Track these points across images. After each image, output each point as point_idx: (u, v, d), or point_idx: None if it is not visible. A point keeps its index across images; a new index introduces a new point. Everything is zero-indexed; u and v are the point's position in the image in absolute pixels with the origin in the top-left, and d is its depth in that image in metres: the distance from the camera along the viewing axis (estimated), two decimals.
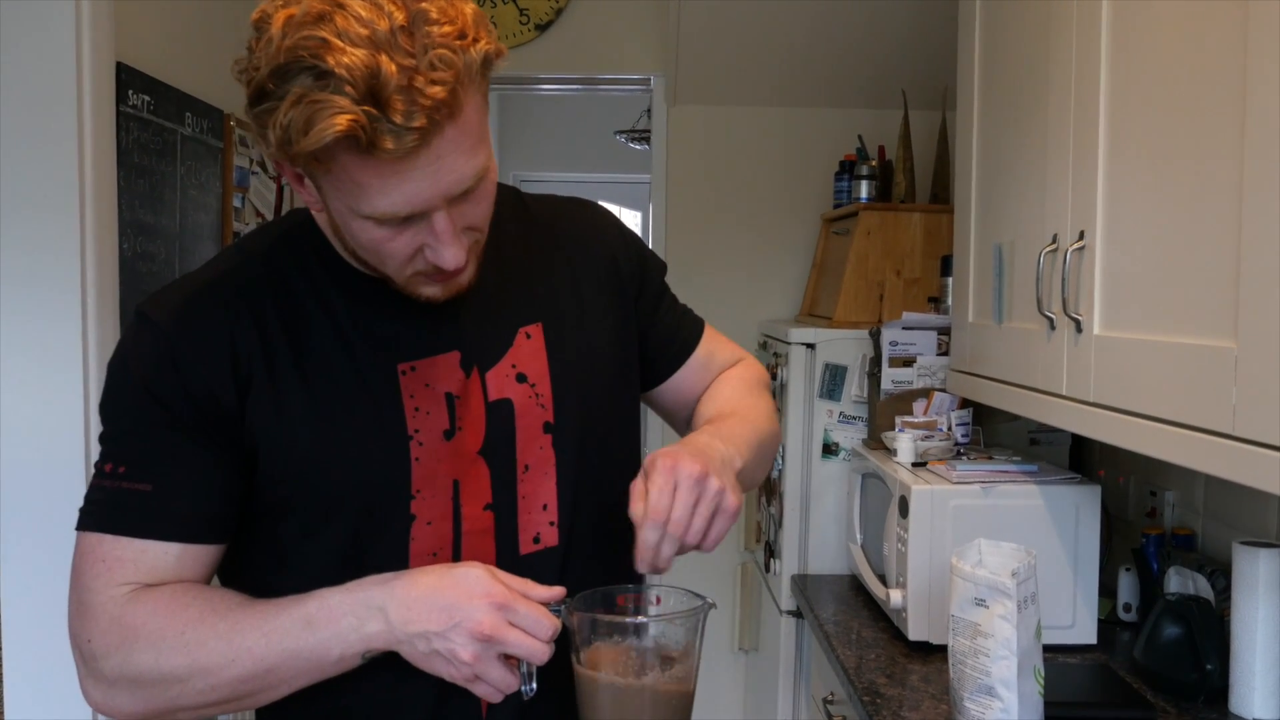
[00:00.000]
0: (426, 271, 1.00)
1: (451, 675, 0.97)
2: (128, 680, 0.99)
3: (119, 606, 0.99)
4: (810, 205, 3.32)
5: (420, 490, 1.04)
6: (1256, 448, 1.14)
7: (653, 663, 1.01)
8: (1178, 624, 1.70)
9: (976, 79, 2.09)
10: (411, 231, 0.95)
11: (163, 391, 1.00)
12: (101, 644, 0.99)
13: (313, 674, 0.99)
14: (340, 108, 0.83)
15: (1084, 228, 1.56)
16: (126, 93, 2.06)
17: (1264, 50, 1.14)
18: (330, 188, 0.93)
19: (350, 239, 1.00)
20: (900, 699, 1.71)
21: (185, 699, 0.99)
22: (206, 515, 1.02)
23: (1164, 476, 2.07)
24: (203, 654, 0.97)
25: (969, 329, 2.12)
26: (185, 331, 1.02)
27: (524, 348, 1.11)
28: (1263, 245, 1.13)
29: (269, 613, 0.99)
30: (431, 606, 0.96)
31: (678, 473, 1.01)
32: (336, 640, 0.97)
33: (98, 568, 1.00)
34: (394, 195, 0.91)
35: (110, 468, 1.02)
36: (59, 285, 1.88)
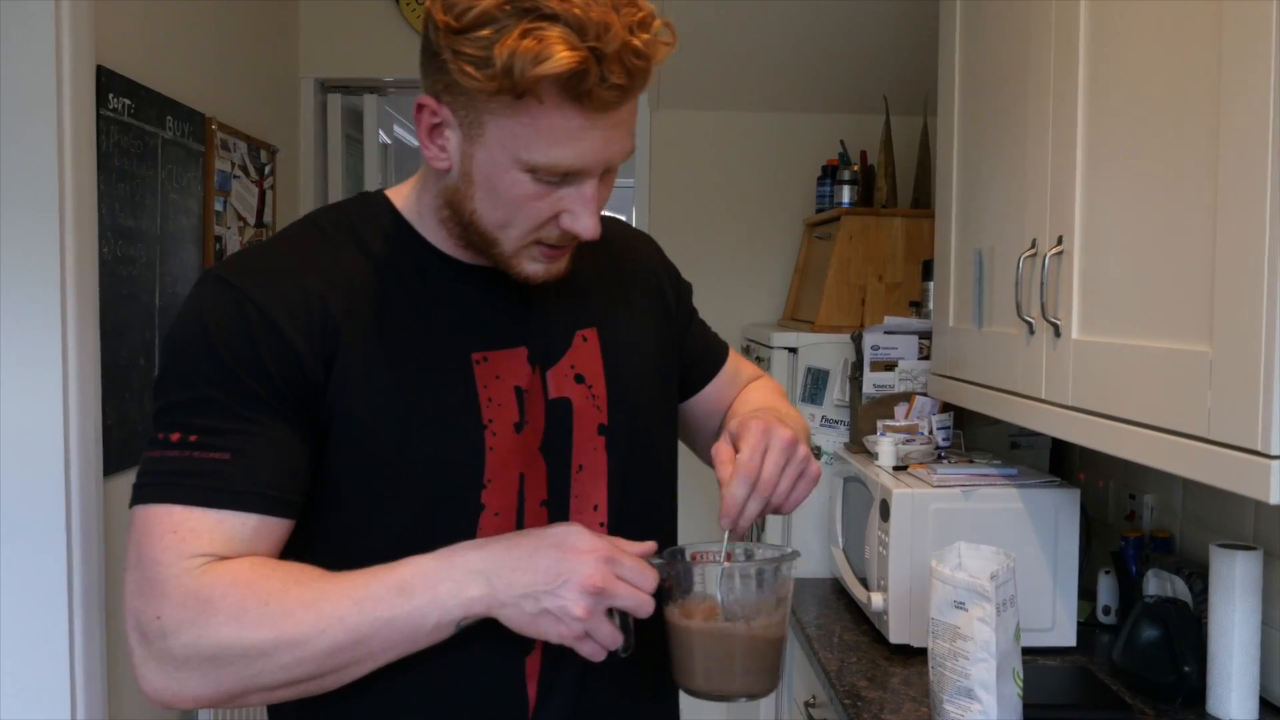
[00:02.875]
0: (548, 241, 1.02)
1: (561, 634, 0.95)
2: (203, 658, 0.92)
3: (193, 578, 0.93)
4: (792, 210, 3.33)
5: (491, 480, 1.04)
6: (1231, 451, 1.16)
7: (744, 610, 1.04)
8: (1156, 626, 1.71)
9: (957, 85, 2.11)
10: (557, 195, 0.99)
11: (246, 358, 0.97)
12: (173, 619, 0.93)
13: (403, 645, 0.96)
14: (570, 45, 0.89)
15: (1062, 233, 1.57)
16: (107, 96, 2.05)
17: (1238, 60, 1.15)
18: (503, 133, 0.95)
19: (485, 201, 1.00)
20: (881, 702, 1.72)
21: (265, 676, 0.93)
22: (285, 488, 0.98)
23: (1143, 480, 2.09)
24: (289, 625, 0.92)
25: (950, 333, 2.13)
26: (274, 298, 0.99)
27: (581, 350, 1.13)
28: (1237, 250, 1.15)
29: (359, 581, 0.95)
30: (536, 566, 0.95)
31: (770, 436, 1.05)
32: (434, 607, 0.94)
33: (168, 539, 0.94)
34: (570, 147, 0.95)
35: (178, 437, 0.96)
36: (38, 289, 1.87)
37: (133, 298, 2.18)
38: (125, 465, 2.15)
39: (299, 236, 1.09)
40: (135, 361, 2.19)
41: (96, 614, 1.98)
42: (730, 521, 1.03)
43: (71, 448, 1.91)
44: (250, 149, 2.82)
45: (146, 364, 2.24)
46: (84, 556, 1.93)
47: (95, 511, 1.97)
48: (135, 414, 2.19)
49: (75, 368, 1.91)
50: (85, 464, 1.94)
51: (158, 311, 2.29)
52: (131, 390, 2.17)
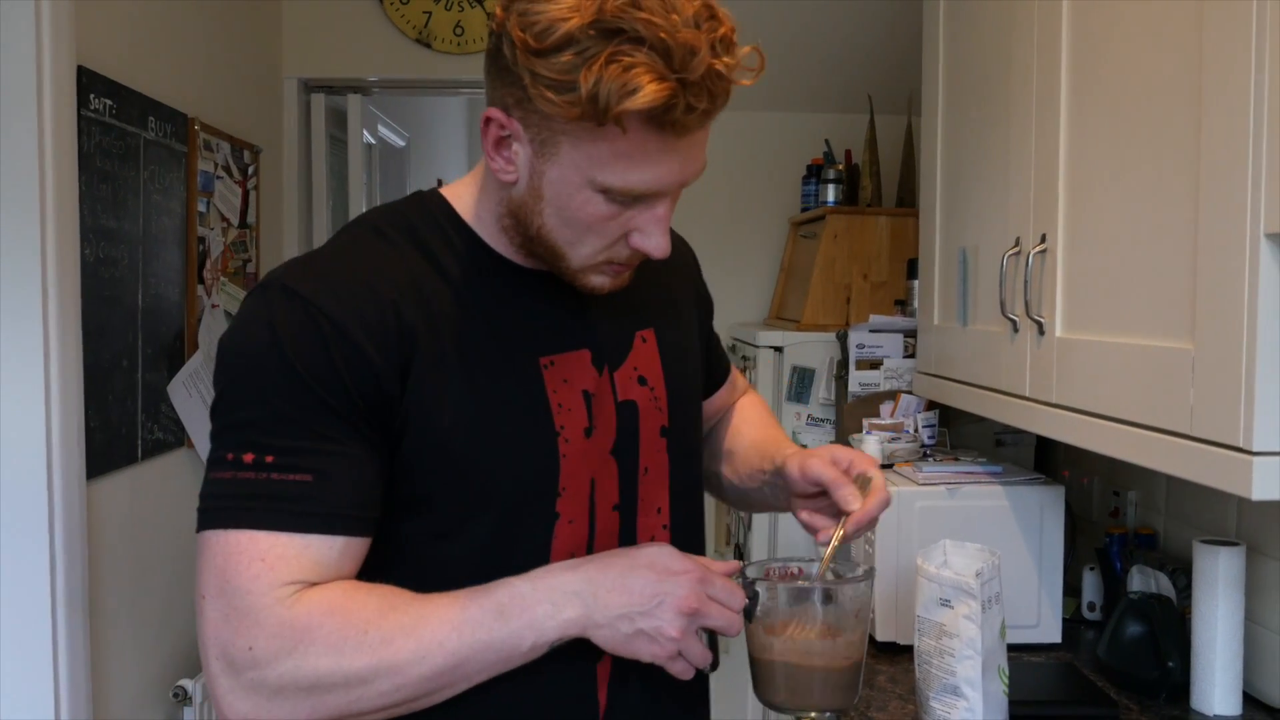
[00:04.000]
0: (617, 260, 1.01)
1: (654, 654, 0.96)
2: (299, 688, 0.91)
3: (286, 608, 0.91)
4: (777, 209, 3.33)
5: (566, 488, 1.03)
6: (1214, 448, 1.16)
7: (831, 629, 1.05)
8: (1140, 622, 1.72)
9: (941, 84, 2.11)
10: (629, 214, 0.98)
11: (320, 371, 0.93)
12: (266, 650, 0.90)
13: (499, 666, 0.96)
14: (658, 74, 0.87)
15: (1046, 231, 1.58)
16: (88, 96, 2.04)
17: (1219, 58, 1.15)
18: (579, 155, 0.93)
19: (554, 217, 0.98)
20: (867, 699, 1.72)
21: (363, 703, 0.92)
22: (366, 507, 0.96)
23: (1126, 477, 2.10)
24: (389, 652, 0.91)
25: (934, 332, 2.14)
26: (345, 308, 0.95)
27: (641, 351, 1.13)
28: (1219, 248, 1.15)
29: (456, 605, 0.94)
30: (629, 588, 0.95)
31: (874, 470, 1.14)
32: (530, 629, 0.94)
33: (255, 567, 0.91)
34: (648, 171, 0.94)
35: (253, 458, 0.92)
36: (20, 290, 1.86)
37: (115, 299, 2.16)
38: (108, 468, 2.13)
39: (360, 241, 1.04)
40: (118, 363, 2.18)
41: (80, 616, 1.97)
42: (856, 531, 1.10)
43: (54, 450, 1.90)
44: (233, 149, 2.81)
45: (129, 366, 2.23)
46: (67, 559, 1.92)
47: (78, 514, 1.96)
48: (118, 416, 2.18)
49: (57, 369, 1.90)
50: (68, 466, 1.92)
51: (140, 313, 2.28)
52: (115, 392, 2.16)
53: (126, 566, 2.23)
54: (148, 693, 2.34)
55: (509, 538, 1.01)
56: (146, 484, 2.30)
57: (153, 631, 2.35)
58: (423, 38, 3.24)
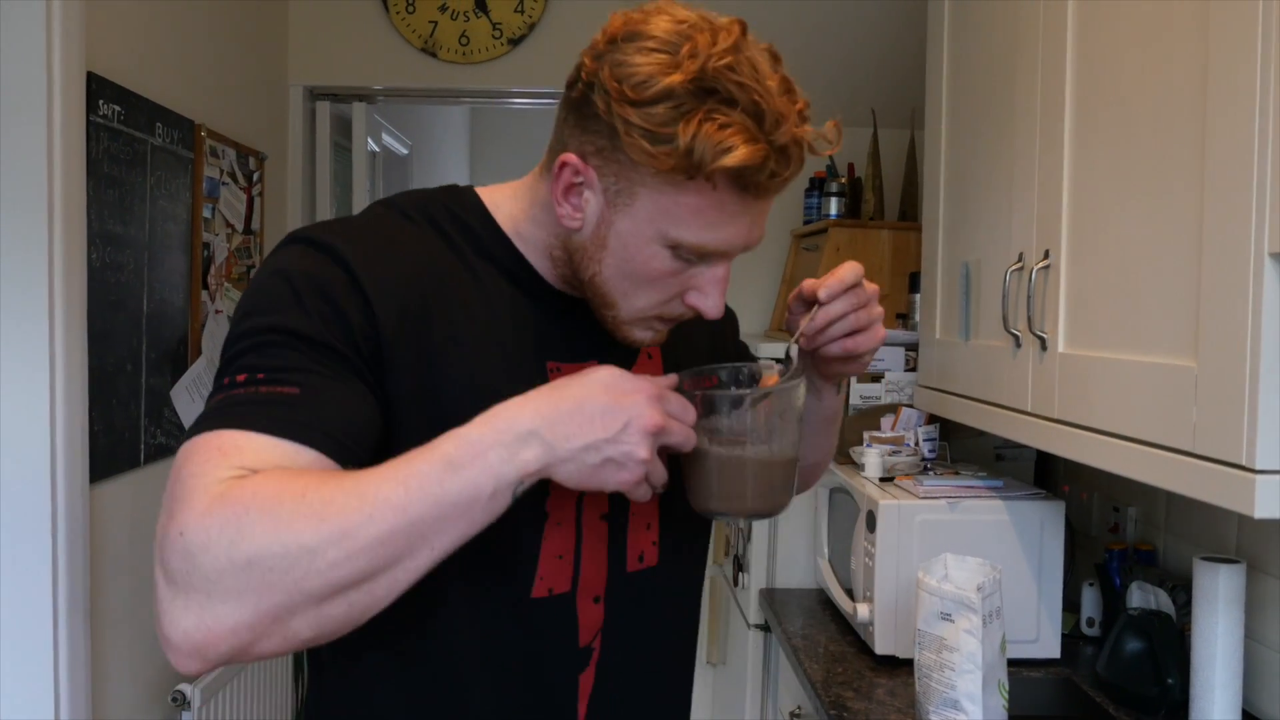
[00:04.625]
0: (668, 316, 1.02)
1: (621, 481, 0.92)
2: (238, 569, 0.80)
3: (223, 487, 0.83)
4: (780, 221, 3.34)
5: (554, 488, 1.02)
6: (1216, 465, 1.17)
7: (761, 433, 1.03)
8: (1139, 638, 1.72)
9: (944, 99, 2.12)
10: (690, 273, 0.99)
11: (329, 312, 0.93)
12: (199, 533, 0.81)
13: (460, 525, 0.87)
14: (751, 136, 0.90)
15: (1049, 247, 1.58)
16: (97, 102, 2.05)
17: (1224, 76, 1.16)
18: (656, 208, 0.95)
19: (614, 268, 0.99)
20: (867, 713, 1.72)
21: (310, 580, 0.81)
22: (350, 435, 0.90)
23: (1127, 493, 2.10)
24: (332, 512, 0.82)
25: (936, 346, 2.14)
26: (363, 262, 0.96)
27: (646, 367, 1.13)
28: (1222, 266, 1.16)
29: (399, 465, 0.86)
30: (588, 416, 0.90)
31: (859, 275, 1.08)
32: (487, 476, 0.86)
33: (211, 456, 0.85)
34: (722, 231, 0.96)
35: (245, 377, 0.90)
36: (27, 294, 1.86)
37: (120, 304, 2.17)
38: (111, 472, 2.14)
39: (385, 218, 1.05)
40: (123, 368, 2.19)
41: (81, 619, 1.97)
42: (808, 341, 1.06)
43: (58, 453, 1.90)
44: (239, 156, 2.82)
45: (133, 370, 2.24)
46: (69, 562, 1.92)
47: (80, 517, 1.96)
48: (122, 420, 2.18)
49: (62, 373, 1.90)
50: (71, 470, 1.93)
51: (145, 318, 2.29)
52: (118, 397, 2.17)
53: (127, 570, 2.24)
54: (146, 696, 2.34)
55: (495, 534, 0.96)
56: (148, 488, 2.30)
57: (153, 635, 2.35)
58: (428, 47, 3.25)
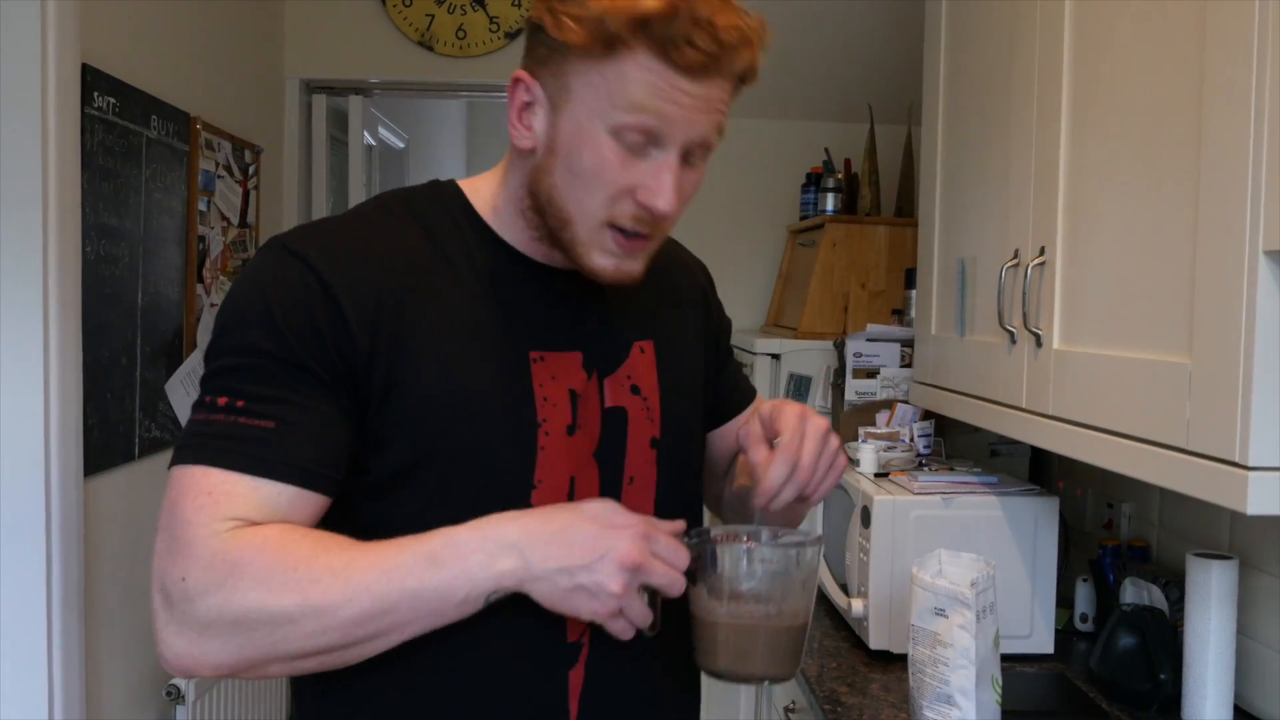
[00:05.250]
0: (621, 223, 1.01)
1: (594, 611, 0.94)
2: (227, 622, 0.90)
3: (222, 541, 0.91)
4: (776, 216, 3.34)
5: (542, 481, 1.03)
6: (1209, 462, 1.17)
7: (772, 594, 1.02)
8: (1133, 634, 1.73)
9: (941, 95, 2.12)
10: (636, 167, 0.99)
11: (300, 327, 0.96)
12: (199, 582, 0.91)
13: (432, 618, 0.93)
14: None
15: (1045, 243, 1.58)
16: (92, 95, 2.04)
17: (1220, 73, 1.16)
18: (589, 92, 0.97)
19: (564, 173, 1.00)
20: (861, 708, 1.72)
21: (289, 644, 0.91)
22: (325, 463, 0.97)
23: (1121, 489, 2.11)
24: (316, 591, 0.90)
25: (932, 341, 2.15)
26: (336, 271, 0.98)
27: (639, 361, 1.13)
28: (1217, 263, 1.16)
29: (389, 551, 0.93)
30: (570, 540, 0.93)
31: (807, 423, 1.04)
32: (463, 579, 0.92)
33: (201, 500, 0.93)
34: (655, 105, 0.96)
35: (226, 401, 0.95)
36: (21, 287, 1.86)
37: (115, 297, 2.17)
38: (106, 465, 2.14)
39: (367, 215, 1.08)
40: (117, 361, 2.18)
41: (75, 614, 1.97)
42: (766, 501, 1.01)
43: (52, 447, 1.90)
44: (234, 149, 2.81)
45: (128, 363, 2.23)
46: (63, 557, 1.92)
47: (75, 512, 1.96)
48: (116, 414, 2.18)
49: (57, 367, 1.90)
50: (65, 464, 1.93)
51: (140, 311, 2.28)
52: (113, 390, 2.16)
53: (122, 564, 2.24)
54: (141, 690, 2.34)
55: None
56: (143, 482, 2.30)
57: (147, 630, 2.33)
58: (425, 40, 3.25)
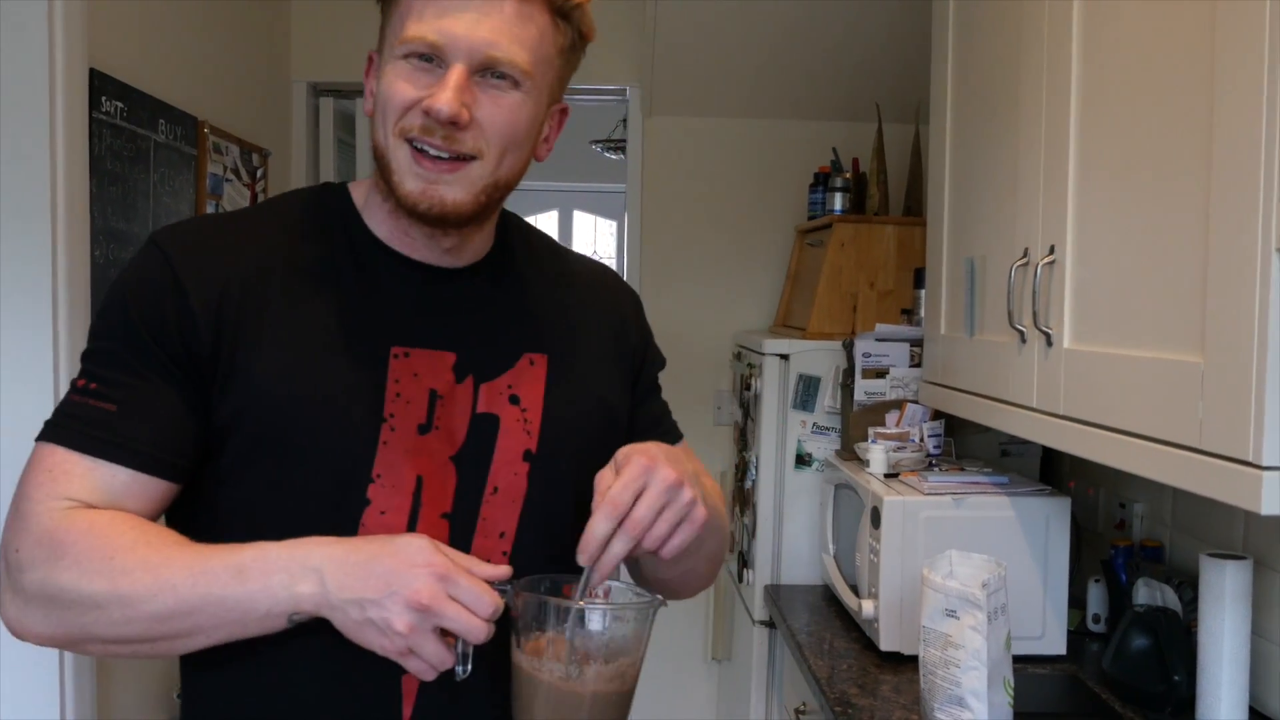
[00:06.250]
0: (410, 134, 1.00)
1: (384, 647, 0.93)
2: (45, 598, 0.95)
3: (53, 519, 0.96)
4: (784, 217, 3.33)
5: (381, 475, 1.02)
6: (1222, 461, 1.16)
7: (596, 656, 0.97)
8: (1146, 635, 1.72)
9: (949, 94, 2.11)
10: (425, 82, 1.00)
11: (147, 316, 1.00)
12: (28, 555, 0.96)
13: (233, 628, 0.95)
14: None
15: (1054, 242, 1.58)
16: (99, 99, 2.05)
17: (1231, 71, 1.15)
18: (389, 34, 1.02)
19: (379, 120, 1.02)
20: (871, 709, 1.72)
21: (98, 628, 0.95)
22: (163, 449, 0.99)
23: (1133, 489, 2.09)
24: (125, 582, 0.93)
25: (941, 341, 2.14)
26: (185, 262, 1.02)
27: (525, 373, 1.11)
28: (1229, 261, 1.15)
29: (203, 555, 0.95)
30: (370, 573, 0.92)
31: (650, 475, 0.97)
32: (264, 595, 0.93)
33: (42, 477, 0.98)
34: (429, 17, 0.99)
35: (82, 384, 1.00)
36: (31, 292, 1.86)
37: None
38: None
39: (244, 212, 1.14)
40: None
41: None
42: (589, 558, 0.96)
43: None
44: (242, 152, 2.81)
45: None
46: None
47: None
48: None
49: (67, 371, 1.90)
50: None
51: None
52: None
53: None
54: (152, 694, 2.34)
55: (312, 518, 1.00)
56: None
57: None
58: None
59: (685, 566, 1.16)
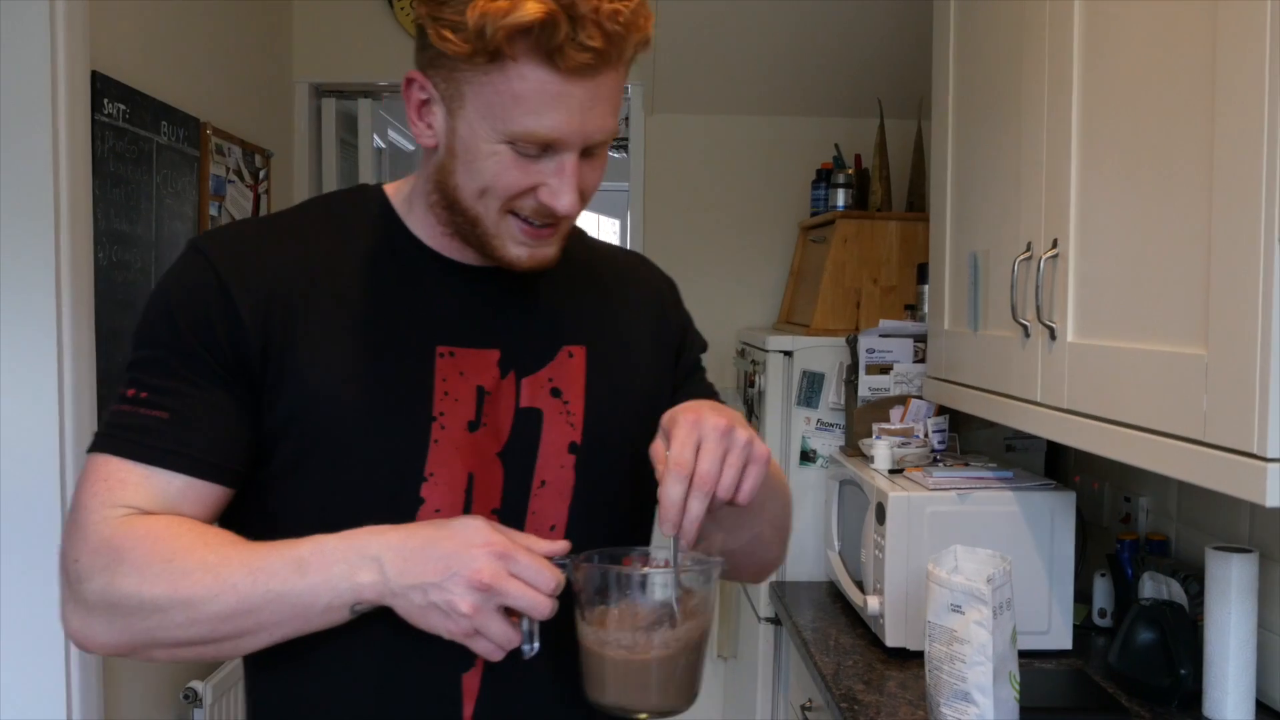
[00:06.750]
0: (523, 213, 1.01)
1: (450, 630, 0.93)
2: (108, 605, 0.95)
3: (111, 527, 0.96)
4: (787, 213, 3.33)
5: (434, 474, 1.02)
6: (1227, 454, 1.16)
7: (662, 623, 0.96)
8: (1152, 629, 1.71)
9: (951, 89, 2.11)
10: (536, 169, 0.98)
11: (195, 323, 1.00)
12: (88, 564, 0.95)
13: (297, 622, 0.95)
14: (540, 1, 0.90)
15: (1057, 236, 1.57)
16: (102, 101, 2.05)
17: (1232, 63, 1.15)
18: (480, 102, 0.96)
19: (465, 174, 1.00)
20: (878, 705, 1.72)
21: (162, 632, 0.95)
22: (216, 453, 0.99)
23: (1138, 482, 2.09)
24: (186, 585, 0.93)
25: (945, 336, 2.14)
26: (230, 268, 1.02)
27: (565, 365, 1.11)
28: (1232, 253, 1.15)
29: (261, 552, 0.95)
30: (429, 557, 0.93)
31: (701, 427, 0.97)
32: (326, 587, 0.93)
33: (98, 487, 0.98)
34: (546, 116, 0.95)
35: (132, 393, 1.00)
36: (34, 294, 1.87)
37: (128, 303, 2.17)
38: None
39: (283, 216, 1.12)
40: None
41: None
42: (672, 525, 0.95)
43: (67, 453, 1.91)
44: (245, 154, 2.82)
45: None
46: None
47: None
48: None
49: (71, 373, 1.90)
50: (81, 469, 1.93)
51: None
52: None
53: None
54: (159, 694, 2.35)
55: (371, 513, 1.00)
56: None
57: None
58: None
59: (751, 531, 1.15)
